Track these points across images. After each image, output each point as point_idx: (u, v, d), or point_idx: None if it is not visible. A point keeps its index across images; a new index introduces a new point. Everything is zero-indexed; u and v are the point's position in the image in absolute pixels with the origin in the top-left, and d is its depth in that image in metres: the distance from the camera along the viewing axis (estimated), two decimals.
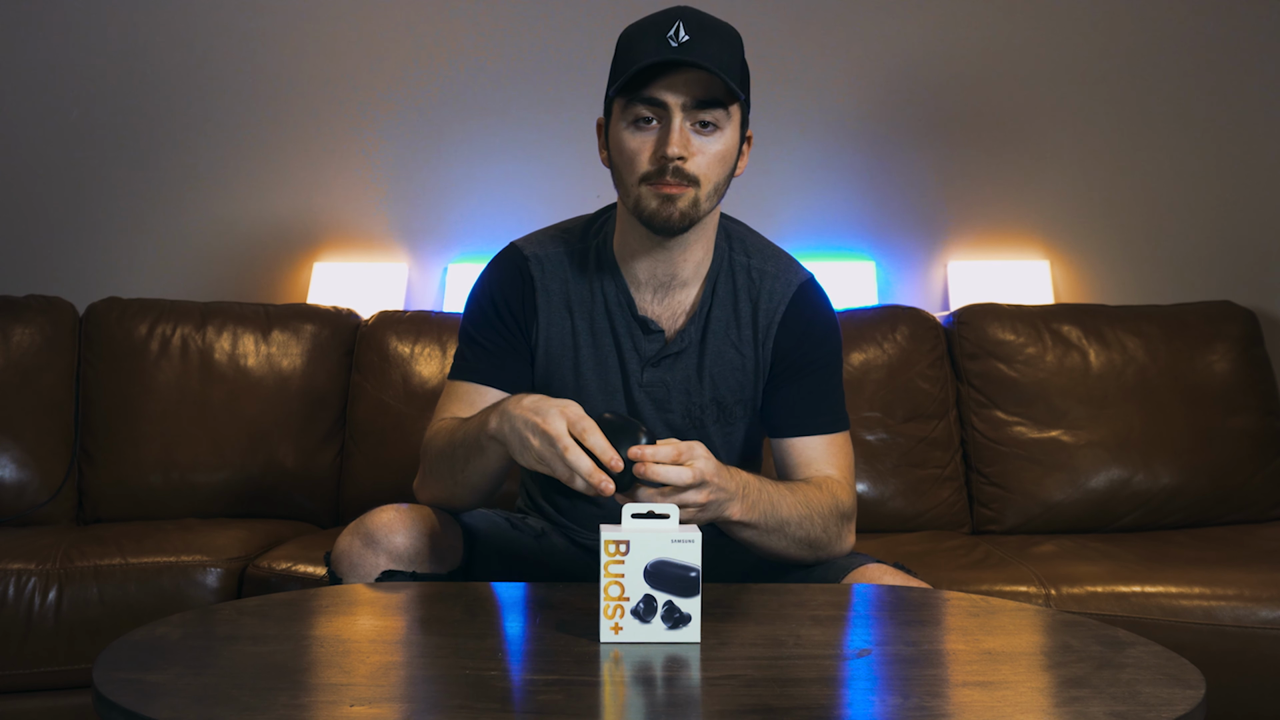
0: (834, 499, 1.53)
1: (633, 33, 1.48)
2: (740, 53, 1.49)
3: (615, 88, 1.46)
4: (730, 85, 1.43)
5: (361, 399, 2.66)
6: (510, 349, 1.60)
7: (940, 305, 2.99)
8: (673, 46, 1.42)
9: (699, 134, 1.46)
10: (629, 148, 1.47)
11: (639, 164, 1.47)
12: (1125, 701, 1.03)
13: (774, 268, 1.62)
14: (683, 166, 1.45)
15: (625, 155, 1.48)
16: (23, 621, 2.10)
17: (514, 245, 1.65)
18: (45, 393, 2.62)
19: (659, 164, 1.45)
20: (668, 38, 1.42)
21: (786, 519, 1.46)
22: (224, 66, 3.03)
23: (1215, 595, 2.00)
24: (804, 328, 1.61)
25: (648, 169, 1.46)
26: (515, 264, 1.62)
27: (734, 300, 1.60)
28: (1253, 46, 2.98)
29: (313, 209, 3.05)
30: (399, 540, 1.50)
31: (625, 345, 1.59)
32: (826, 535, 1.52)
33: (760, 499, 1.43)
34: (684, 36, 1.42)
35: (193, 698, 1.02)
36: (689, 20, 1.44)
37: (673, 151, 1.44)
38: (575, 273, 1.61)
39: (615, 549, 1.19)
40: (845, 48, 3.00)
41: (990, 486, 2.57)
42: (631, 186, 1.49)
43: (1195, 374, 2.60)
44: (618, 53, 1.49)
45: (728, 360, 1.60)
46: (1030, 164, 3.01)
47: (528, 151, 3.03)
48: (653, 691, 1.11)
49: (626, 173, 1.49)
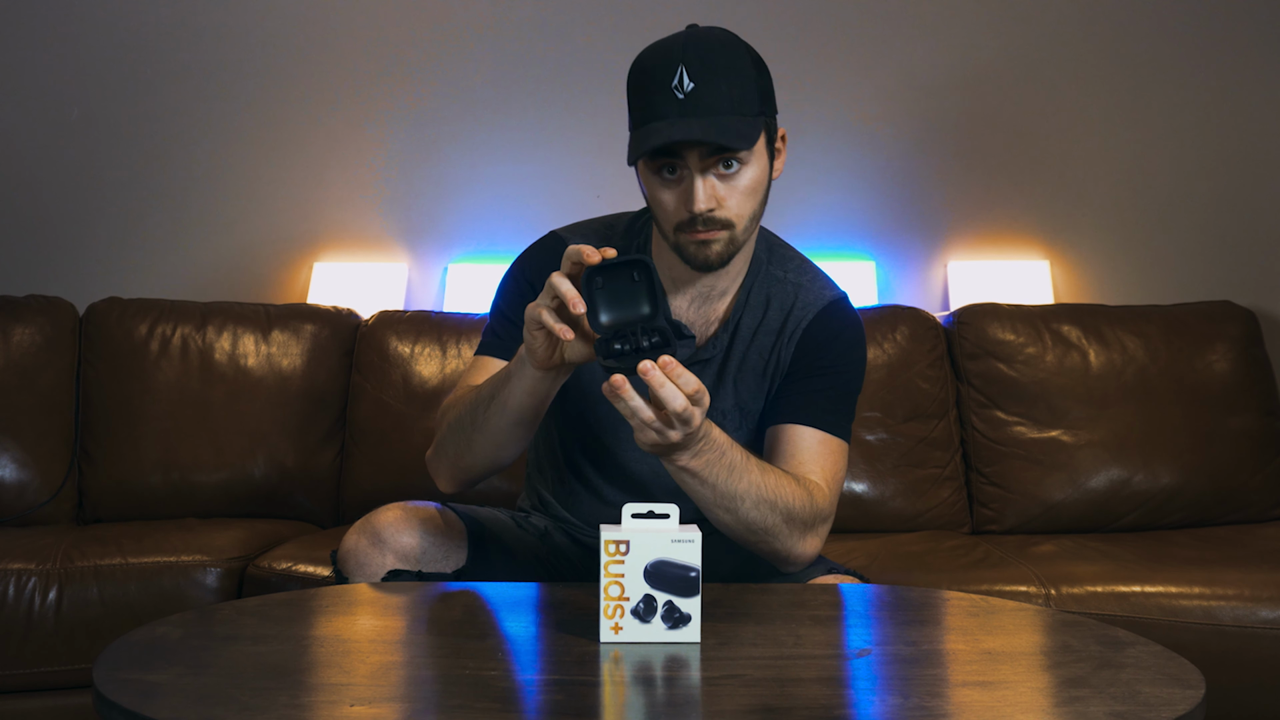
0: (808, 500, 1.46)
1: (640, 78, 1.46)
2: (751, 77, 1.45)
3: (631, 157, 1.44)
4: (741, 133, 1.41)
5: (361, 399, 2.65)
6: None
7: (940, 305, 2.99)
8: (679, 99, 1.40)
9: (722, 177, 1.44)
10: (660, 198, 1.47)
11: (671, 215, 1.47)
12: (1125, 701, 1.03)
13: (809, 280, 1.62)
14: (714, 215, 1.44)
15: (658, 205, 1.48)
16: (23, 621, 2.10)
17: (555, 233, 1.65)
18: (45, 393, 2.62)
19: (689, 215, 1.44)
20: (673, 89, 1.41)
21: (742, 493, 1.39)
22: (224, 66, 3.03)
23: (1215, 595, 2.00)
24: (828, 338, 1.59)
25: (681, 219, 1.46)
26: (554, 250, 1.59)
27: (765, 308, 1.60)
28: (1252, 46, 2.98)
29: (313, 209, 3.05)
30: (406, 539, 1.50)
31: None
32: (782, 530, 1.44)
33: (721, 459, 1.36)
34: (689, 85, 1.40)
35: (193, 698, 1.02)
36: (692, 63, 1.41)
37: (699, 208, 1.43)
38: None
39: (615, 549, 1.19)
40: (845, 49, 3.00)
41: (990, 486, 2.57)
42: (669, 233, 1.49)
43: (1195, 374, 2.60)
44: (629, 93, 1.48)
45: (751, 365, 1.59)
46: (1030, 164, 3.01)
47: (528, 151, 3.03)
48: (653, 691, 1.11)
49: (662, 221, 1.49)
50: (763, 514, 1.42)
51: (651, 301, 1.27)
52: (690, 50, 1.42)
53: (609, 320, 1.27)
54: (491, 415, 1.44)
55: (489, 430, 1.46)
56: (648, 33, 3.24)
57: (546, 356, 1.34)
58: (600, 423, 1.61)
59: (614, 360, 1.25)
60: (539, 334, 1.32)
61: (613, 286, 1.27)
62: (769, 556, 1.49)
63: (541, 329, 1.31)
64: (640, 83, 1.46)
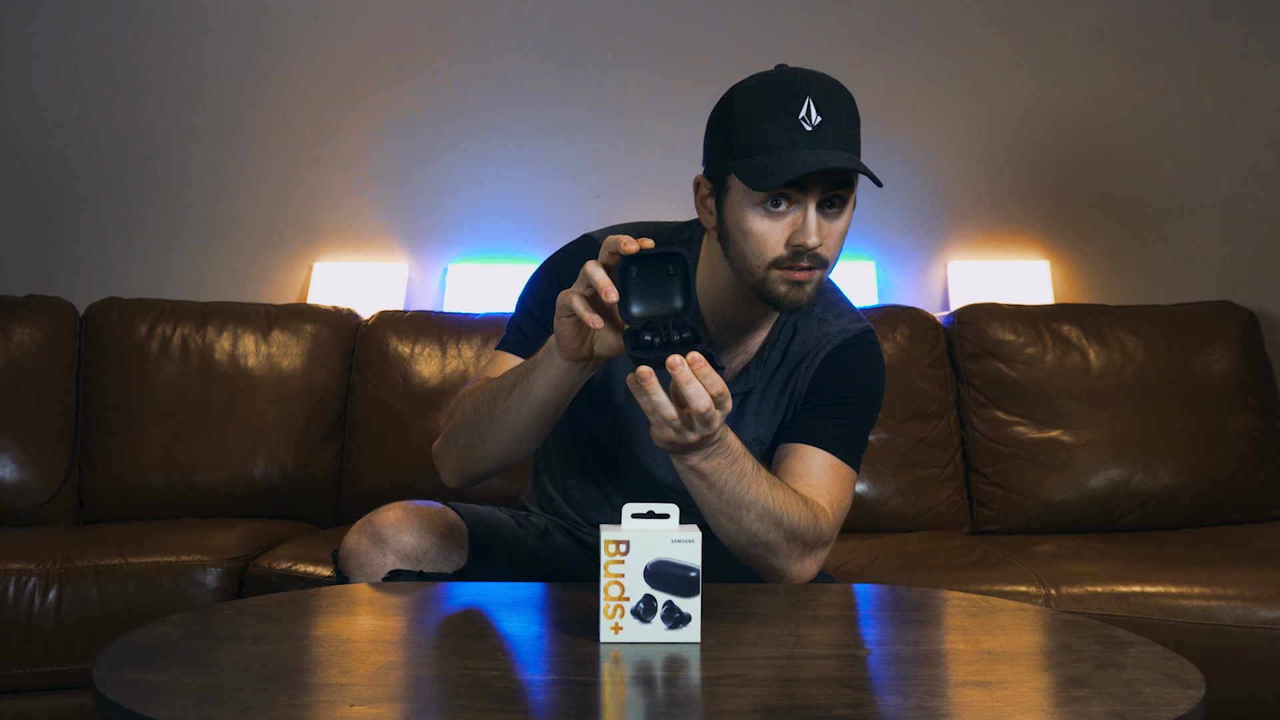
0: (812, 521, 1.44)
1: (756, 106, 1.41)
2: (858, 122, 1.44)
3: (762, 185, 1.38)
4: (874, 178, 1.39)
5: (361, 399, 2.65)
6: None
7: (940, 305, 2.99)
8: (807, 131, 1.38)
9: (826, 215, 1.42)
10: (758, 231, 1.42)
11: (769, 250, 1.42)
12: (1125, 701, 1.03)
13: (834, 315, 1.60)
14: (816, 251, 1.41)
15: (754, 238, 1.42)
16: (23, 621, 2.10)
17: (590, 236, 1.60)
18: (45, 393, 2.62)
19: (793, 250, 1.41)
20: (800, 120, 1.38)
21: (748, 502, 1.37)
22: (224, 66, 3.03)
23: (1215, 595, 2.00)
24: (847, 369, 1.57)
25: (780, 255, 1.42)
26: (589, 252, 1.54)
27: (790, 341, 1.58)
28: (1252, 46, 2.98)
29: (312, 209, 3.05)
30: (407, 539, 1.50)
31: None
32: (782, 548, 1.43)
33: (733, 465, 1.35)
34: (816, 119, 1.38)
35: (193, 698, 1.02)
36: (817, 95, 1.39)
37: (812, 243, 1.40)
38: None
39: (615, 549, 1.19)
40: (845, 49, 3.00)
41: (990, 486, 2.57)
42: (757, 269, 1.43)
43: (1195, 374, 2.61)
44: (739, 124, 1.42)
45: (771, 395, 1.59)
46: (1030, 164, 3.01)
47: (528, 151, 3.03)
48: (653, 691, 1.11)
49: (752, 256, 1.43)
50: (765, 527, 1.40)
51: (685, 296, 1.26)
52: (812, 84, 1.40)
53: (640, 311, 1.25)
54: (512, 405, 1.42)
55: (507, 421, 1.43)
56: (648, 33, 3.25)
57: (576, 346, 1.32)
58: (618, 423, 1.61)
59: (642, 351, 1.23)
60: (569, 320, 1.30)
61: (647, 278, 1.25)
62: (765, 573, 1.47)
63: (572, 316, 1.28)
64: (759, 112, 1.40)
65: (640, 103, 2.99)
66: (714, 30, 3.01)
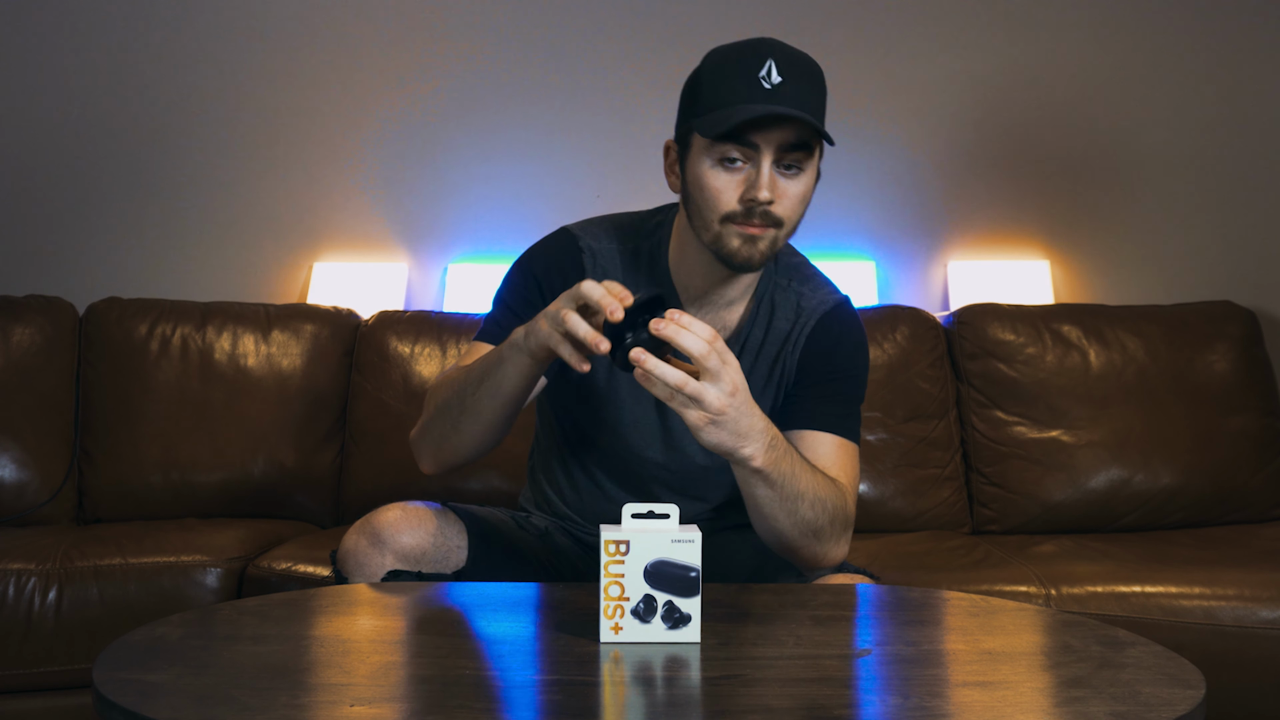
0: (844, 501, 1.47)
1: (720, 65, 1.44)
2: (825, 90, 1.46)
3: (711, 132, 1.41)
4: (824, 134, 1.41)
5: (361, 399, 2.65)
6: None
7: (940, 305, 2.99)
8: (766, 89, 1.40)
9: (784, 175, 1.44)
10: (713, 185, 1.44)
11: (723, 203, 1.44)
12: (1125, 701, 1.03)
13: (811, 289, 1.61)
14: (771, 209, 1.43)
15: (708, 192, 1.44)
16: (23, 621, 2.10)
17: (568, 230, 1.63)
18: (45, 393, 2.62)
19: (746, 205, 1.42)
20: (760, 78, 1.40)
21: (802, 492, 1.39)
22: (224, 66, 3.03)
23: (1215, 595, 2.00)
24: (831, 344, 1.59)
25: (733, 209, 1.43)
26: (567, 249, 1.60)
27: (770, 317, 1.59)
28: (1252, 46, 2.98)
29: (312, 209, 3.05)
30: (405, 540, 1.50)
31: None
32: (827, 531, 1.44)
33: (786, 457, 1.36)
34: (776, 78, 1.40)
35: (193, 698, 1.02)
36: (780, 58, 1.41)
37: (763, 196, 1.41)
38: (626, 273, 1.59)
39: (615, 549, 1.19)
40: (845, 48, 3.00)
41: (990, 486, 2.57)
42: (712, 223, 1.45)
43: (1195, 374, 2.60)
44: (703, 84, 1.45)
45: (759, 376, 1.59)
46: (1030, 164, 3.01)
47: (527, 151, 3.03)
48: (653, 691, 1.11)
49: (707, 209, 1.45)
50: (816, 514, 1.41)
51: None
52: (778, 50, 1.42)
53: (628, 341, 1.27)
54: (482, 398, 1.44)
55: (479, 413, 1.45)
56: (648, 33, 3.25)
57: (549, 354, 1.34)
58: (603, 408, 1.61)
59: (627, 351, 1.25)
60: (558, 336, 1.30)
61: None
62: (806, 561, 1.48)
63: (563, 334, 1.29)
64: (721, 70, 1.43)
65: (640, 103, 2.99)
66: (714, 31, 2.99)
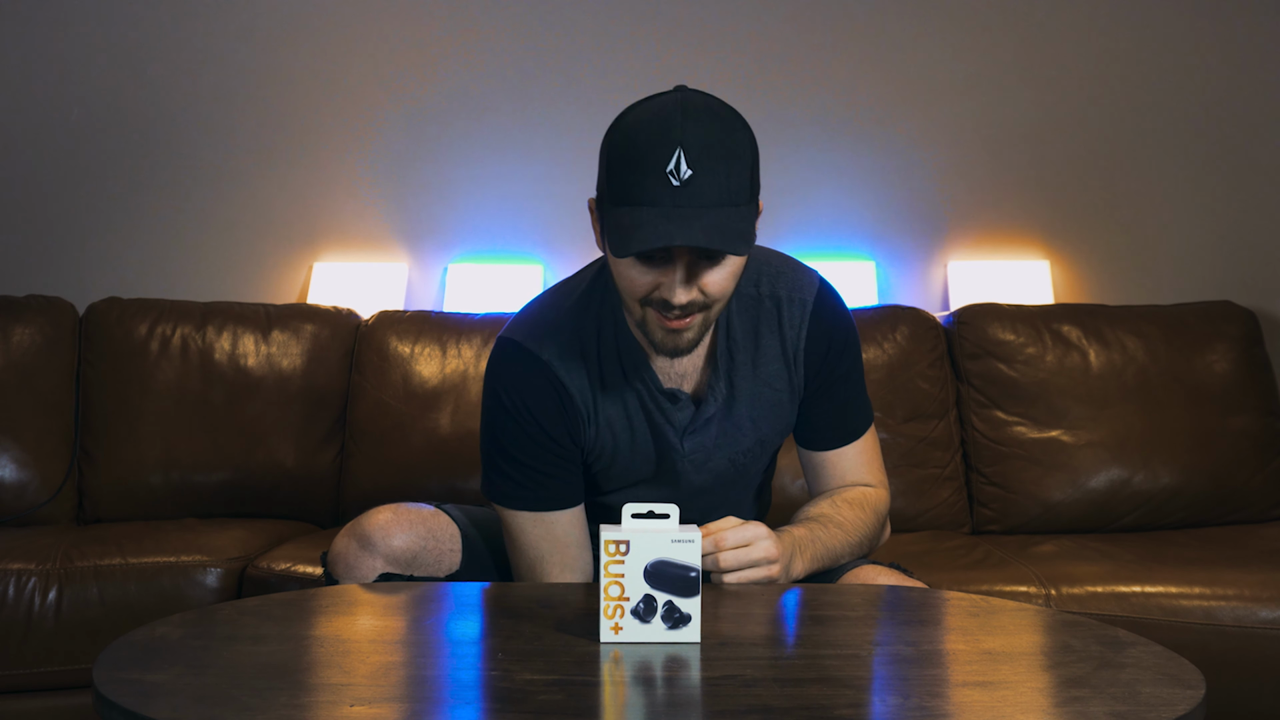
0: (875, 512, 1.57)
1: (629, 150, 1.32)
2: (747, 160, 1.33)
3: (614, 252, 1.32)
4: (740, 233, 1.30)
5: (361, 399, 2.65)
6: (565, 466, 1.50)
7: (940, 305, 2.99)
8: (674, 186, 1.28)
9: (708, 268, 1.34)
10: (628, 275, 1.35)
11: (639, 291, 1.36)
12: (1125, 701, 1.03)
13: (785, 289, 1.52)
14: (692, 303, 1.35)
15: (624, 281, 1.36)
16: (23, 621, 2.10)
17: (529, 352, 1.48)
18: (45, 393, 2.62)
19: (661, 301, 1.35)
20: (668, 173, 1.28)
21: (840, 553, 1.51)
22: (224, 66, 3.03)
23: (1215, 595, 2.00)
24: (827, 343, 1.53)
25: (651, 299, 1.36)
26: (532, 364, 1.47)
27: (755, 338, 1.51)
28: (1252, 46, 2.98)
29: (313, 209, 3.05)
30: (396, 543, 1.49)
31: (657, 420, 1.50)
32: (870, 544, 1.58)
33: (813, 548, 1.47)
34: (686, 172, 1.28)
35: (193, 698, 1.02)
36: (691, 143, 1.29)
37: (678, 300, 1.33)
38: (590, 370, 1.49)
39: (615, 549, 1.19)
40: (845, 48, 3.00)
41: (990, 486, 2.57)
42: (634, 307, 1.38)
43: (1195, 374, 2.60)
44: (614, 163, 1.34)
45: (764, 400, 1.53)
46: (1030, 164, 3.01)
47: (528, 151, 3.03)
48: (653, 691, 1.11)
49: (626, 295, 1.38)
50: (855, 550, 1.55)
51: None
52: (689, 130, 1.29)
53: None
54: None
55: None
56: (648, 34, 3.25)
57: None
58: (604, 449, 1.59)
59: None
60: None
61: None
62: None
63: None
64: (630, 158, 1.31)
65: None
66: (714, 31, 3.01)
